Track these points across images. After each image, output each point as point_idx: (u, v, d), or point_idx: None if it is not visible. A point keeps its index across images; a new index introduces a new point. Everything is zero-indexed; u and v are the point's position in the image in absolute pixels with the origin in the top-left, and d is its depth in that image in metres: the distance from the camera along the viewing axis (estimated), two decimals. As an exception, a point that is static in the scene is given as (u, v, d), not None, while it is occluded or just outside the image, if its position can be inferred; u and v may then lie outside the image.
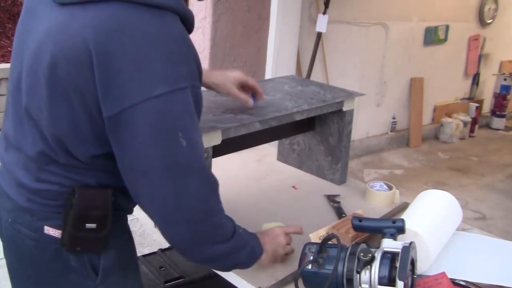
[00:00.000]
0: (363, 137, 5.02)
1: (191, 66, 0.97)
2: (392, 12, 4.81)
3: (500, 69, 6.39)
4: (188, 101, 0.96)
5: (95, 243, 1.06)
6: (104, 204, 1.04)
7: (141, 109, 0.91)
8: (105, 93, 0.92)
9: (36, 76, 0.99)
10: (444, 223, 1.45)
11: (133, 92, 0.91)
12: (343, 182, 1.88)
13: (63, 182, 1.04)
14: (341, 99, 1.75)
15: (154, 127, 0.93)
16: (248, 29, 3.71)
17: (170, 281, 2.21)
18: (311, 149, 1.92)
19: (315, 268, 1.17)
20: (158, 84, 0.91)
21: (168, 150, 0.95)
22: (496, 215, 3.90)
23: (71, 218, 1.02)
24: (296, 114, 1.59)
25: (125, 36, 0.90)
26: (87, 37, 0.91)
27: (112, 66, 0.90)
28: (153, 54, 0.91)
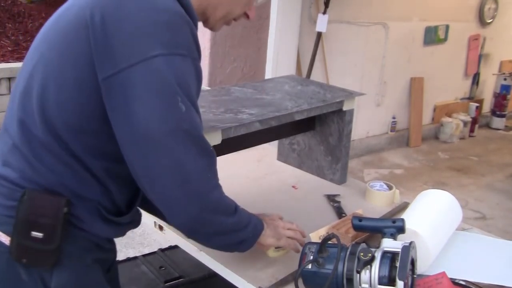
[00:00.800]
0: (363, 137, 5.02)
1: (189, 40, 0.95)
2: (392, 12, 4.81)
3: (500, 69, 6.39)
4: (189, 68, 0.94)
5: (42, 256, 0.98)
6: (54, 212, 0.97)
7: (140, 69, 0.89)
8: (101, 53, 0.90)
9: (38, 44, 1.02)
10: (444, 223, 1.45)
11: (131, 52, 0.89)
12: (343, 182, 1.88)
13: (23, 169, 0.98)
14: (341, 99, 1.75)
15: (153, 88, 0.90)
16: (248, 29, 3.71)
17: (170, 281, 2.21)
18: (311, 149, 1.92)
19: (315, 267, 1.17)
20: (157, 45, 0.90)
21: (168, 113, 0.92)
22: (496, 215, 3.90)
23: (18, 222, 0.96)
24: (296, 114, 1.59)
25: (130, 2, 0.92)
26: (88, 3, 0.93)
27: (110, 26, 0.90)
28: (154, 19, 0.91)
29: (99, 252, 1.10)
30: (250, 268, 1.32)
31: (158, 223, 1.53)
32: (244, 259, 1.36)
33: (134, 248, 3.02)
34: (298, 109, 1.59)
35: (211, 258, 1.37)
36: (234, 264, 1.33)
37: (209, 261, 1.38)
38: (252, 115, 1.48)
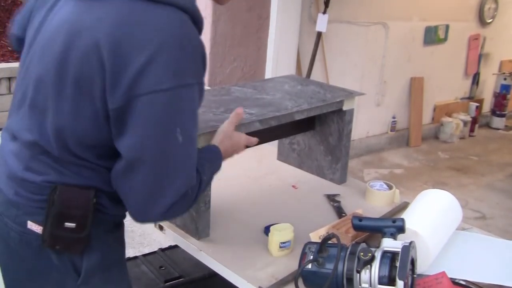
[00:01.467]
0: (363, 137, 5.02)
1: (198, 64, 0.99)
2: (392, 12, 4.81)
3: (500, 69, 6.39)
4: (193, 97, 0.99)
5: (74, 243, 1.06)
6: (85, 204, 1.05)
7: (147, 100, 0.93)
8: (114, 84, 0.94)
9: (46, 66, 1.02)
10: (444, 222, 1.45)
11: (141, 83, 0.93)
12: (343, 182, 1.88)
13: (49, 174, 1.05)
14: (341, 99, 1.75)
15: (155, 119, 0.95)
16: (248, 29, 3.71)
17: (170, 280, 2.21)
18: (311, 148, 1.92)
19: (315, 267, 1.17)
20: (167, 77, 0.94)
21: (163, 143, 0.97)
22: (496, 215, 3.90)
23: (51, 215, 1.03)
24: (296, 113, 1.59)
25: (137, 29, 0.93)
26: (99, 30, 0.94)
27: (123, 58, 0.92)
28: (164, 48, 0.93)
29: (117, 232, 1.20)
30: (250, 268, 1.32)
31: (158, 223, 1.53)
32: (244, 259, 1.37)
33: (134, 248, 3.02)
34: (298, 109, 1.58)
35: (211, 258, 1.37)
36: (234, 264, 1.34)
37: (209, 261, 1.38)
38: (252, 115, 1.48)
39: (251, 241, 1.46)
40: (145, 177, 1.00)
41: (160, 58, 0.93)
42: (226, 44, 3.67)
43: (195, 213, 1.41)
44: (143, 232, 3.21)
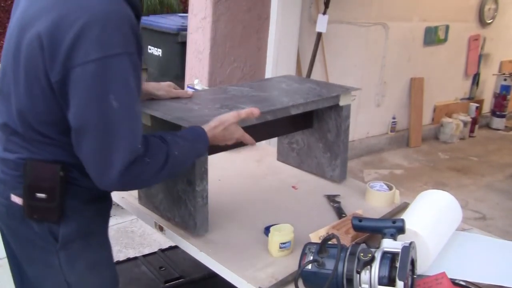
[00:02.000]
0: (363, 137, 5.01)
1: (126, 35, 1.08)
2: (392, 12, 4.81)
3: (500, 69, 6.39)
4: (123, 66, 1.08)
5: (48, 212, 1.19)
6: (52, 176, 1.17)
7: (80, 71, 1.05)
8: (52, 60, 1.06)
9: (7, 57, 1.17)
10: (444, 223, 1.46)
11: (73, 57, 1.04)
12: (343, 179, 1.87)
13: (21, 152, 1.19)
14: (337, 93, 1.75)
15: (89, 87, 1.06)
16: (248, 29, 3.71)
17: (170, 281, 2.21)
18: (310, 147, 1.92)
19: (315, 268, 1.17)
20: (94, 49, 1.04)
21: (100, 110, 1.07)
22: (496, 215, 3.90)
23: (25, 187, 1.18)
24: (292, 108, 1.59)
25: (69, 10, 1.06)
26: (40, 18, 1.07)
27: (57, 37, 1.05)
28: (92, 23, 1.05)
29: (99, 204, 1.31)
30: (250, 268, 1.32)
31: (158, 224, 1.53)
32: (244, 259, 1.37)
33: (134, 249, 3.02)
34: (293, 103, 1.58)
35: (211, 258, 1.37)
36: (234, 264, 1.34)
37: (209, 261, 1.38)
38: None
39: (251, 241, 1.46)
40: (91, 144, 1.10)
41: (88, 33, 1.04)
42: (226, 44, 3.67)
43: (193, 208, 1.41)
44: (143, 232, 3.21)
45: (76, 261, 1.25)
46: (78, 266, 1.26)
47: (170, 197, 1.48)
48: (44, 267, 1.26)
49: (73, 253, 1.24)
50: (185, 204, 1.44)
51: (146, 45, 4.59)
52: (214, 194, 1.75)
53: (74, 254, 1.25)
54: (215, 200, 1.71)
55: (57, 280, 1.25)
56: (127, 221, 3.30)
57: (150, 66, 4.68)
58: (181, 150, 1.22)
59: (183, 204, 1.44)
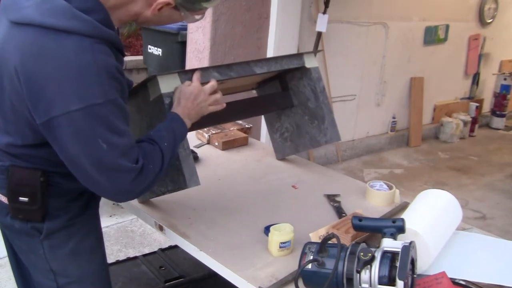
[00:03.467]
0: (363, 137, 5.01)
1: (104, 84, 1.09)
2: (392, 12, 4.81)
3: (500, 69, 6.39)
4: (106, 112, 1.10)
5: (32, 213, 1.25)
6: (33, 182, 1.22)
7: (63, 120, 1.08)
8: (33, 106, 1.09)
9: None
10: (444, 222, 1.45)
11: (54, 106, 1.07)
12: (338, 139, 1.86)
13: (3, 160, 1.24)
14: (299, 52, 1.79)
15: (75, 134, 1.09)
16: (248, 29, 3.71)
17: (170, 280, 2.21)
18: (299, 125, 1.93)
19: (315, 267, 1.17)
20: (74, 100, 1.07)
21: (91, 151, 1.11)
22: (496, 215, 3.90)
23: (9, 191, 1.24)
24: (253, 63, 1.61)
25: (46, 60, 1.06)
26: (15, 58, 1.08)
27: (36, 85, 1.07)
28: (69, 75, 1.06)
29: (82, 199, 1.34)
30: (250, 268, 1.32)
31: (158, 223, 1.53)
32: (244, 259, 1.37)
33: (134, 248, 3.02)
34: (255, 59, 1.60)
35: (211, 258, 1.37)
36: (234, 264, 1.34)
37: (209, 261, 1.38)
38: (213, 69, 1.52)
39: (251, 241, 1.46)
40: (90, 178, 1.15)
41: (67, 84, 1.06)
42: (226, 44, 3.67)
43: (178, 162, 1.43)
44: (143, 232, 3.21)
45: (59, 249, 1.31)
46: (61, 254, 1.31)
47: None
48: (32, 256, 1.33)
49: (56, 242, 1.30)
50: (171, 163, 1.45)
51: (146, 45, 4.59)
52: (214, 194, 1.76)
53: (57, 243, 1.30)
54: (215, 200, 1.71)
55: (44, 267, 1.31)
56: (127, 220, 3.30)
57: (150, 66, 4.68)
58: (168, 140, 1.29)
59: (170, 165, 1.46)
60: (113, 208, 3.35)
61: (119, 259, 2.55)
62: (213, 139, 2.21)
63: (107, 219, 3.23)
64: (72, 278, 1.33)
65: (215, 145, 2.19)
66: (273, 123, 2.03)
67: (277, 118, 2.00)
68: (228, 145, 2.18)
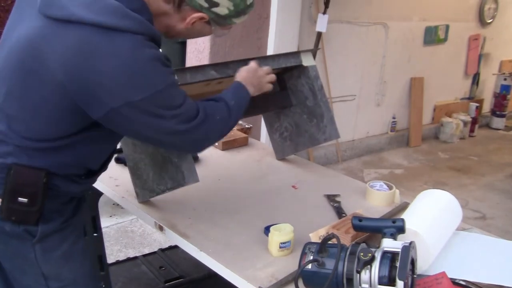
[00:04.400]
0: (363, 137, 5.02)
1: (161, 72, 1.15)
2: (392, 12, 4.81)
3: (500, 69, 6.39)
4: (166, 96, 1.16)
5: (28, 215, 1.21)
6: (36, 183, 1.20)
7: (125, 110, 1.12)
8: (86, 102, 1.12)
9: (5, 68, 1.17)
10: (444, 222, 1.45)
11: (113, 99, 1.10)
12: (337, 137, 1.87)
13: (5, 158, 1.19)
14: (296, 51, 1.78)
15: (142, 121, 1.15)
16: (248, 29, 3.71)
17: (170, 280, 2.22)
18: (298, 124, 1.93)
19: (315, 267, 1.17)
20: (135, 93, 1.11)
21: (159, 129, 1.19)
22: (496, 215, 3.90)
23: (6, 190, 1.19)
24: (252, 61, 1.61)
25: (100, 57, 1.07)
26: (62, 56, 1.08)
27: (88, 81, 1.09)
28: (127, 71, 1.09)
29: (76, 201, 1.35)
30: (250, 268, 1.32)
31: (158, 223, 1.53)
32: (244, 259, 1.37)
33: (134, 248, 3.02)
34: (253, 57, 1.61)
35: (211, 258, 1.37)
36: (234, 264, 1.34)
37: (209, 261, 1.38)
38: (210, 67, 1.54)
39: (251, 241, 1.46)
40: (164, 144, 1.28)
41: (124, 79, 1.09)
42: (226, 44, 3.67)
43: (176, 159, 1.45)
44: (143, 232, 3.21)
45: (51, 252, 1.28)
46: (54, 258, 1.29)
47: (158, 166, 1.52)
48: (19, 260, 1.28)
49: (49, 245, 1.27)
50: (170, 162, 1.47)
51: (146, 45, 4.60)
52: (214, 194, 1.76)
53: (50, 247, 1.28)
54: (215, 200, 1.71)
55: (34, 272, 1.28)
56: (127, 220, 3.30)
57: (150, 66, 4.70)
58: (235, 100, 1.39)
59: (169, 162, 1.47)
60: (113, 208, 3.35)
61: (119, 259, 2.55)
62: (213, 139, 2.21)
63: (107, 219, 3.23)
64: (65, 282, 1.31)
65: (215, 145, 2.19)
66: (272, 123, 2.03)
67: (276, 118, 2.00)
68: (228, 145, 2.18)
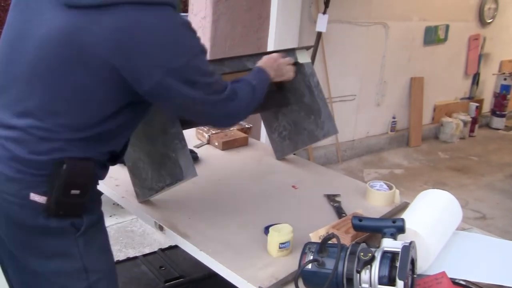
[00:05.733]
0: (363, 137, 5.01)
1: (195, 37, 1.25)
2: (392, 12, 4.81)
3: (500, 69, 6.39)
4: (201, 60, 1.27)
5: (76, 208, 1.26)
6: (88, 173, 1.25)
7: (168, 79, 1.20)
8: (133, 77, 1.19)
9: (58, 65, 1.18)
10: (444, 222, 1.46)
11: (160, 69, 1.18)
12: (335, 132, 1.87)
13: (53, 153, 1.21)
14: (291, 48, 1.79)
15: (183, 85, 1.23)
16: (248, 29, 3.71)
17: (170, 280, 2.21)
18: (296, 122, 1.93)
19: (315, 267, 1.17)
20: (178, 58, 1.20)
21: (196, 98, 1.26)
22: (496, 215, 3.90)
23: (58, 185, 1.20)
24: (248, 61, 1.64)
25: (143, 31, 1.15)
26: (109, 36, 1.13)
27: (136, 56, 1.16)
28: (168, 39, 1.18)
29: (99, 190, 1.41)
30: (250, 268, 1.32)
31: (158, 223, 1.53)
32: (244, 259, 1.37)
33: (134, 248, 3.02)
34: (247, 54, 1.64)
35: (211, 258, 1.37)
36: (234, 264, 1.34)
37: (209, 261, 1.38)
38: None
39: (251, 241, 1.46)
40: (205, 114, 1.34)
41: (167, 47, 1.18)
42: (226, 44, 3.67)
43: (174, 154, 1.45)
44: (143, 232, 3.21)
45: (91, 245, 1.31)
46: (93, 250, 1.32)
47: (156, 164, 1.52)
48: (59, 261, 1.28)
49: (90, 237, 1.30)
50: (168, 157, 1.47)
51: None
52: (214, 194, 1.76)
53: (90, 238, 1.31)
54: (215, 200, 1.71)
55: (74, 268, 1.29)
56: (127, 220, 3.30)
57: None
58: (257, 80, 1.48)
59: (167, 158, 1.48)
60: (113, 208, 3.35)
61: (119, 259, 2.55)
62: (213, 139, 2.21)
63: (107, 219, 3.20)
64: (102, 273, 1.34)
65: (215, 145, 2.19)
66: (271, 123, 2.03)
67: (275, 118, 2.00)
68: (228, 145, 2.18)
